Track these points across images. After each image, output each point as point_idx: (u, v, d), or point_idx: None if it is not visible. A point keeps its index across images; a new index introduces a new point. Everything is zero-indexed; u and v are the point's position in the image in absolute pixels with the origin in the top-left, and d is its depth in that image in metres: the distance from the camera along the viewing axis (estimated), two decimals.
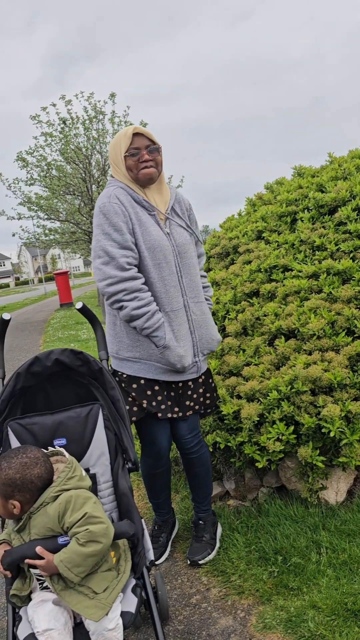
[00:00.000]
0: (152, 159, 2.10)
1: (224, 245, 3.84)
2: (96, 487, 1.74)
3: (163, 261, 2.09)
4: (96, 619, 1.41)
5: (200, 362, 2.23)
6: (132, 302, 2.02)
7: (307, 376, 2.42)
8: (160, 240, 2.10)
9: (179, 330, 2.13)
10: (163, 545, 2.44)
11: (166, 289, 2.11)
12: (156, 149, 2.11)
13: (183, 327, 2.14)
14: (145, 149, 2.08)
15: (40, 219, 15.28)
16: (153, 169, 2.10)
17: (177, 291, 2.14)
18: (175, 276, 2.13)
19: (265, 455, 2.45)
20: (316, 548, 2.23)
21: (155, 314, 2.06)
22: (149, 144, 2.10)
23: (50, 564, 1.44)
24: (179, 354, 2.10)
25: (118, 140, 2.12)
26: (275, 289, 3.07)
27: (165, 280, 2.11)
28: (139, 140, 2.09)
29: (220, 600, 2.10)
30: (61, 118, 13.77)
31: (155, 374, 2.12)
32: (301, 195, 3.64)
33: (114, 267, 2.03)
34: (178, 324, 2.13)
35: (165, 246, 2.10)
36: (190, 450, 2.30)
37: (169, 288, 2.11)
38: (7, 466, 1.51)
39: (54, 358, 1.81)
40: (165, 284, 2.10)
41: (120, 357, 2.15)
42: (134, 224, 2.08)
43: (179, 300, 2.14)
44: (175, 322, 2.12)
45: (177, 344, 2.10)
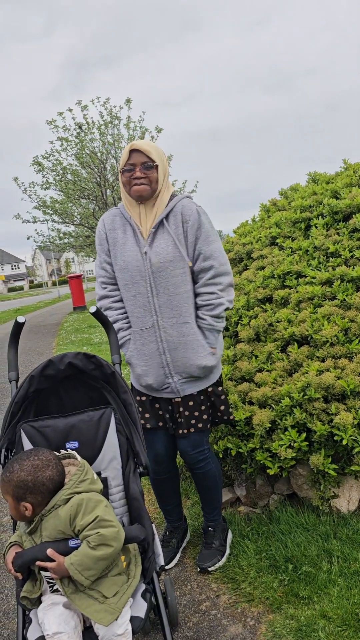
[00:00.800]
0: (144, 176, 2.06)
1: (237, 250, 3.84)
2: (107, 490, 1.75)
3: (129, 281, 2.15)
4: (106, 623, 1.41)
5: (177, 383, 2.16)
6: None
7: (320, 383, 2.41)
8: (131, 261, 2.12)
9: (142, 350, 2.17)
10: (173, 550, 2.43)
11: (132, 308, 2.18)
12: (151, 167, 2.06)
13: (148, 347, 2.16)
14: (141, 166, 2.06)
15: (55, 223, 15.42)
16: (144, 187, 2.06)
17: (144, 311, 2.14)
18: (143, 296, 2.13)
19: (277, 462, 2.44)
20: (327, 557, 2.21)
21: (119, 332, 2.22)
22: (146, 160, 2.06)
23: (61, 567, 1.45)
24: (137, 373, 2.20)
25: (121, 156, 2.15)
26: (288, 295, 3.06)
27: (132, 300, 2.17)
28: (135, 157, 2.06)
29: (230, 607, 2.09)
30: (77, 123, 13.90)
31: (137, 385, 2.27)
32: (315, 202, 3.63)
33: (97, 285, 2.30)
34: (142, 343, 2.17)
35: (134, 267, 2.12)
36: (195, 466, 2.29)
37: (134, 308, 2.17)
38: (19, 468, 1.52)
39: (67, 361, 1.83)
40: (131, 303, 2.17)
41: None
42: (110, 245, 2.20)
43: (147, 320, 2.14)
44: (139, 342, 2.17)
45: (137, 362, 2.19)
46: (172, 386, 2.17)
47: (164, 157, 2.14)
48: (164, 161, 2.14)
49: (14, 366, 1.99)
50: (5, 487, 1.52)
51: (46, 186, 14.56)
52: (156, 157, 2.08)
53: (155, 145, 2.13)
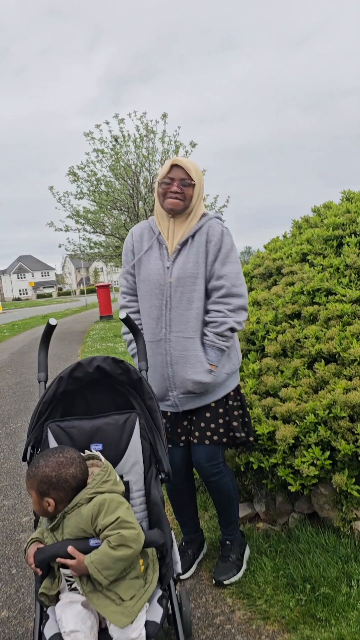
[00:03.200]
0: (181, 191, 2.13)
1: (267, 265, 3.84)
2: (129, 494, 1.76)
3: (148, 294, 2.21)
4: (121, 625, 1.42)
5: (177, 397, 2.19)
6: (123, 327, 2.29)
7: (346, 402, 2.38)
8: (153, 274, 2.19)
9: (152, 362, 2.22)
10: (190, 560, 2.42)
11: (146, 320, 2.24)
12: (189, 184, 2.13)
13: (157, 359, 2.21)
14: (179, 181, 2.13)
15: (87, 232, 15.69)
16: (178, 201, 2.13)
17: (157, 324, 2.19)
18: (158, 309, 2.18)
19: (299, 479, 2.41)
20: (347, 580, 2.17)
21: (131, 343, 2.27)
22: (185, 177, 2.13)
23: (80, 564, 1.46)
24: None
25: (161, 169, 2.22)
26: (317, 312, 3.04)
27: (147, 312, 2.23)
28: (175, 172, 2.14)
29: (245, 623, 2.06)
30: (113, 136, 14.19)
31: None
32: (349, 220, 3.61)
33: (120, 294, 2.39)
34: (151, 355, 2.22)
35: (155, 280, 2.18)
36: (209, 479, 2.28)
37: (148, 320, 2.22)
38: (44, 464, 1.55)
39: (96, 365, 1.86)
40: (146, 315, 2.24)
41: None
42: (136, 256, 2.27)
43: (158, 332, 2.19)
44: (149, 353, 2.22)
45: (149, 373, 2.19)
46: (172, 400, 2.21)
47: (201, 177, 2.22)
48: (201, 181, 2.21)
49: (44, 367, 2.03)
50: (30, 481, 1.55)
51: (80, 196, 14.86)
52: (195, 176, 2.16)
53: (195, 165, 2.20)
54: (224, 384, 2.24)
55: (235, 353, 2.30)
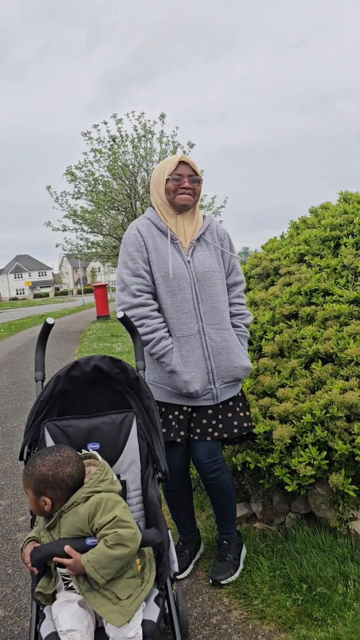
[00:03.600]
0: (191, 187, 2.20)
1: (264, 266, 3.85)
2: (125, 494, 1.76)
3: (176, 288, 2.17)
4: (118, 624, 1.42)
5: (218, 389, 2.22)
6: (140, 328, 2.14)
7: (343, 402, 2.38)
8: (177, 269, 2.17)
9: (189, 357, 2.17)
10: (186, 560, 2.42)
11: (177, 315, 2.18)
12: (197, 180, 2.22)
13: (194, 353, 2.18)
14: (188, 177, 2.20)
15: (84, 232, 15.68)
16: (190, 197, 2.20)
17: (190, 317, 2.18)
18: (189, 303, 2.19)
19: (296, 479, 2.41)
20: (343, 580, 2.17)
21: (161, 341, 2.15)
22: (192, 174, 2.21)
23: (77, 563, 1.46)
24: (184, 380, 2.15)
25: (164, 164, 2.24)
26: (314, 313, 3.05)
27: (178, 307, 2.18)
28: (183, 168, 2.20)
29: (241, 623, 2.06)
30: (111, 136, 14.19)
31: (166, 397, 2.21)
32: (346, 221, 3.62)
33: (127, 293, 2.18)
34: (188, 350, 2.17)
35: (181, 274, 2.17)
36: (209, 476, 2.28)
37: (180, 314, 2.18)
38: (41, 463, 1.55)
39: (93, 364, 1.86)
40: (177, 310, 2.18)
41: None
42: (150, 252, 2.19)
43: (193, 326, 2.19)
44: (185, 348, 2.17)
45: (183, 369, 2.15)
46: (213, 392, 2.21)
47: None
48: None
49: (41, 366, 2.03)
50: (26, 480, 1.55)
51: (77, 196, 14.85)
52: (199, 172, 2.24)
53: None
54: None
55: None
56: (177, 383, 2.15)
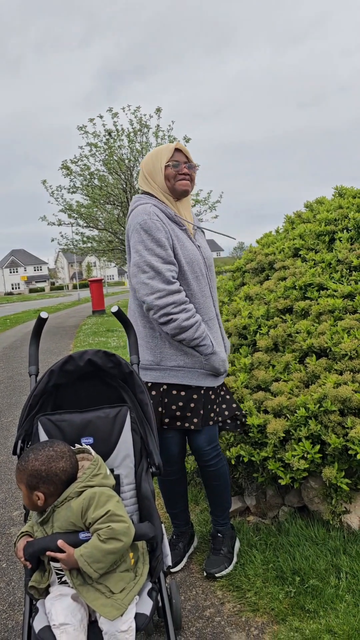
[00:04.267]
0: (189, 173, 2.23)
1: (259, 260, 3.84)
2: (119, 488, 1.76)
3: (200, 273, 2.23)
4: (111, 617, 1.42)
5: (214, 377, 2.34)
6: (181, 314, 2.10)
7: (337, 396, 2.39)
8: (195, 254, 2.23)
9: (217, 337, 2.29)
10: (180, 554, 2.43)
11: (204, 299, 2.24)
12: (193, 166, 2.25)
13: (218, 334, 2.32)
14: (184, 164, 2.23)
15: (80, 227, 15.61)
16: (189, 182, 2.23)
17: (210, 301, 2.29)
18: (207, 287, 2.28)
19: (289, 472, 2.42)
20: (336, 572, 2.19)
21: (201, 324, 2.18)
22: (187, 160, 2.25)
23: (70, 558, 1.46)
24: (222, 359, 2.24)
25: (159, 152, 2.22)
26: (309, 307, 3.05)
27: (203, 292, 2.25)
28: (179, 156, 2.23)
29: (234, 615, 2.08)
30: (107, 130, 14.11)
31: (198, 380, 2.21)
32: (341, 215, 3.62)
33: (161, 280, 2.09)
34: (215, 330, 2.29)
35: (199, 259, 2.24)
36: (208, 463, 2.30)
37: (205, 299, 2.25)
38: (34, 457, 1.55)
39: (87, 358, 1.85)
40: (203, 294, 2.24)
41: (164, 367, 2.17)
42: (172, 239, 2.15)
43: (212, 309, 2.30)
44: (213, 329, 2.28)
45: (219, 349, 2.25)
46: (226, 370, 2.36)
47: None
48: None
49: (35, 360, 2.02)
50: (19, 475, 1.55)
51: (73, 190, 14.78)
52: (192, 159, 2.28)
53: None
54: None
55: None
56: (216, 363, 2.19)
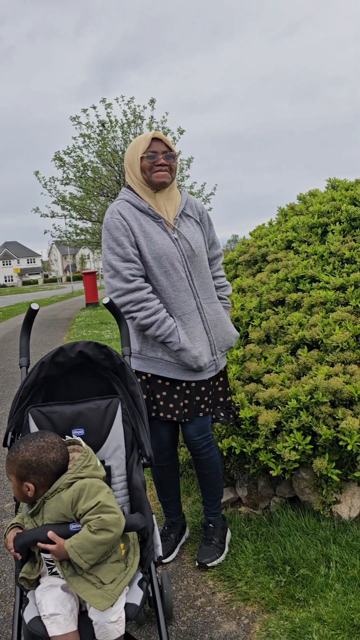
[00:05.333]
0: (167, 164, 2.16)
1: (252, 252, 3.84)
2: (110, 479, 1.76)
3: (170, 268, 2.16)
4: (101, 608, 1.43)
5: (219, 359, 2.32)
6: (140, 312, 2.12)
7: (328, 387, 2.40)
8: (166, 248, 2.16)
9: (193, 332, 2.19)
10: (171, 544, 2.45)
11: (176, 294, 2.18)
12: (172, 156, 2.18)
13: (197, 329, 2.22)
14: (162, 154, 2.16)
15: (73, 219, 15.51)
16: (167, 173, 2.17)
17: (188, 295, 2.21)
18: (185, 281, 2.20)
19: (280, 464, 2.44)
20: (325, 561, 2.21)
21: (165, 321, 2.13)
22: (166, 150, 2.17)
23: (61, 549, 1.46)
24: (193, 355, 2.16)
25: (137, 143, 2.19)
26: (301, 299, 3.06)
27: (175, 286, 2.18)
28: (157, 145, 2.16)
29: (225, 605, 2.09)
30: (100, 121, 14.00)
31: (177, 374, 2.19)
32: (334, 208, 3.62)
33: (120, 279, 2.13)
34: (191, 326, 2.20)
35: (172, 253, 2.16)
36: (200, 452, 2.32)
37: (179, 293, 2.18)
38: (24, 448, 1.54)
39: (78, 350, 1.84)
40: (175, 289, 2.18)
41: (144, 356, 2.22)
42: (136, 236, 2.15)
43: (191, 302, 2.21)
44: (189, 325, 2.19)
45: (192, 345, 2.16)
46: (216, 362, 2.30)
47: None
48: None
49: (26, 352, 2.01)
50: (10, 466, 1.54)
51: (66, 182, 14.67)
52: (174, 148, 2.21)
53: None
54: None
55: None
56: (187, 359, 2.16)
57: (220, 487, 2.43)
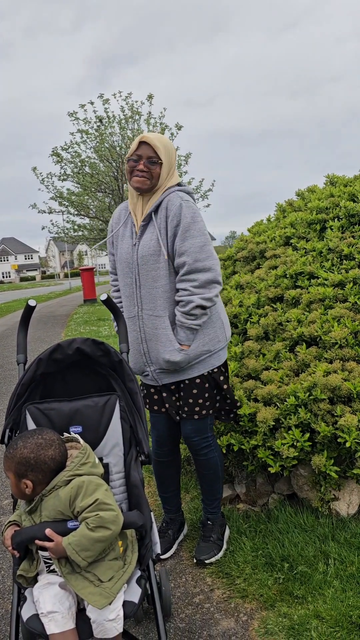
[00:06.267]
0: (147, 170, 2.09)
1: (250, 249, 3.83)
2: (108, 476, 1.76)
3: (122, 272, 2.26)
4: (99, 606, 1.42)
5: (154, 372, 2.22)
6: None
7: (327, 384, 2.40)
8: (124, 253, 2.22)
9: (130, 338, 2.26)
10: (169, 541, 2.44)
11: (125, 298, 2.27)
12: (155, 162, 2.09)
13: (132, 335, 2.26)
14: (146, 160, 2.10)
15: (71, 215, 15.46)
16: (144, 180, 2.10)
17: (130, 301, 2.23)
18: (131, 287, 2.22)
19: (279, 460, 2.43)
20: (324, 558, 2.21)
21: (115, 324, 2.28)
22: (152, 156, 2.09)
23: (58, 546, 1.46)
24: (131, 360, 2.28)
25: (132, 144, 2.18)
26: (299, 296, 3.05)
27: (122, 290, 2.28)
28: (143, 149, 2.11)
29: (224, 602, 2.09)
30: (98, 116, 13.94)
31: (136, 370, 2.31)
32: (332, 204, 3.61)
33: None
34: (130, 331, 2.26)
35: (127, 258, 2.21)
36: (198, 452, 2.32)
37: (124, 298, 2.27)
38: (22, 445, 1.54)
39: (76, 347, 1.83)
40: (124, 293, 2.27)
41: None
42: (114, 237, 2.31)
43: (132, 310, 2.23)
44: (130, 329, 2.26)
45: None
46: (151, 375, 2.25)
47: (171, 154, 2.17)
48: (171, 157, 2.17)
49: (23, 349, 2.00)
50: (7, 463, 1.53)
51: (64, 177, 14.62)
52: (163, 153, 2.11)
53: (165, 141, 2.15)
54: (206, 361, 2.20)
55: (215, 330, 2.22)
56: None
57: (219, 488, 2.42)
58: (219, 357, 2.25)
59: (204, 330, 2.18)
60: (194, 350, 2.16)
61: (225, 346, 2.29)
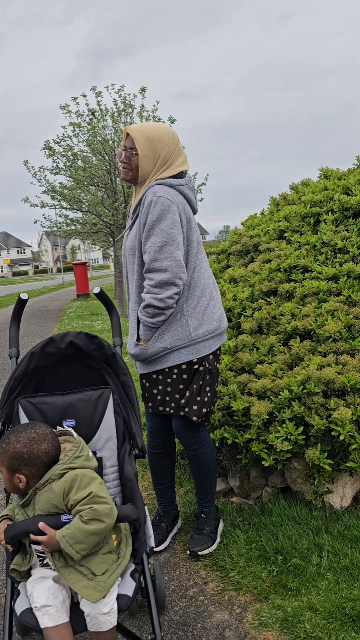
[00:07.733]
0: (127, 161, 2.09)
1: (244, 242, 3.82)
2: (102, 470, 1.75)
3: (123, 264, 2.29)
4: (93, 600, 1.41)
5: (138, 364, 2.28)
6: None
7: (320, 378, 2.40)
8: (123, 246, 2.26)
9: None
10: (163, 533, 2.45)
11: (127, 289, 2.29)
12: (132, 154, 2.07)
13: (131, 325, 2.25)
14: (128, 150, 2.08)
15: (63, 209, 15.34)
16: (126, 171, 2.12)
17: (129, 293, 2.26)
18: (126, 279, 2.29)
19: (273, 454, 2.43)
20: (317, 551, 2.22)
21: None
22: (132, 147, 2.07)
23: (52, 540, 1.45)
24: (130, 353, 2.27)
25: None
26: (293, 289, 3.05)
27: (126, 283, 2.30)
28: (127, 140, 2.11)
29: (218, 594, 2.10)
30: (90, 109, 13.82)
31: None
32: (326, 197, 3.60)
33: None
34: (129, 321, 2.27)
35: (124, 251, 2.26)
36: (188, 447, 2.32)
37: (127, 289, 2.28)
38: (15, 440, 1.52)
39: (69, 340, 1.82)
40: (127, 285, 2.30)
41: None
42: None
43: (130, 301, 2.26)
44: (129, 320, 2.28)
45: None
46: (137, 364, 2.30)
47: (156, 145, 2.06)
48: (155, 148, 2.07)
49: (15, 342, 1.99)
50: (0, 458, 1.52)
51: (56, 171, 14.48)
52: (142, 144, 2.05)
53: (148, 131, 2.07)
54: (168, 357, 2.14)
55: (175, 328, 2.14)
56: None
57: (212, 482, 2.42)
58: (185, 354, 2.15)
59: (164, 327, 2.14)
60: (151, 347, 2.14)
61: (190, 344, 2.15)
